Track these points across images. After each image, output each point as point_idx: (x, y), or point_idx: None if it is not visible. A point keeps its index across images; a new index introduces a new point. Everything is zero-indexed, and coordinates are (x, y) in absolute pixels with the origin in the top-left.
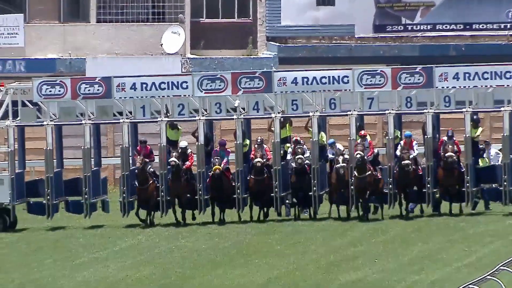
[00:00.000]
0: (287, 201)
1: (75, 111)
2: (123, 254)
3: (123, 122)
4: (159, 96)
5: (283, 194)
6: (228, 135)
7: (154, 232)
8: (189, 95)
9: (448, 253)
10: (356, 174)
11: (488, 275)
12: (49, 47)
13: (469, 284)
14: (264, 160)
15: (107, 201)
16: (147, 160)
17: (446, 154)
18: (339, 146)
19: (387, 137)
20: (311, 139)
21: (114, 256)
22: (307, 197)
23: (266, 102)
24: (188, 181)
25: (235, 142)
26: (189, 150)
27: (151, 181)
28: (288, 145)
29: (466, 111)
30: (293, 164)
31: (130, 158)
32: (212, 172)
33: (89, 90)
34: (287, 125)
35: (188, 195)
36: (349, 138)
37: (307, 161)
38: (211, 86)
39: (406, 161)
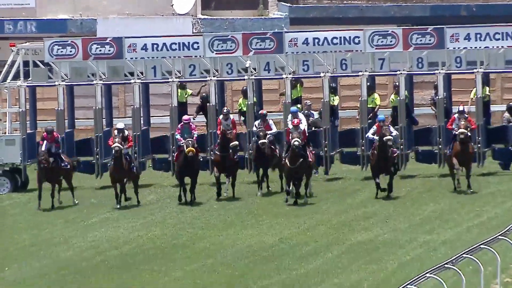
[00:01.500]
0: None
1: (86, 71)
2: (134, 214)
3: (134, 82)
4: (170, 57)
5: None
6: (238, 95)
7: (165, 192)
8: (200, 56)
9: (459, 213)
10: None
11: (499, 235)
12: (60, 7)
13: (480, 244)
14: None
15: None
16: None
17: (459, 130)
18: (301, 115)
19: (398, 98)
20: (322, 100)
21: (125, 216)
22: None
23: (277, 63)
24: (129, 164)
25: (247, 102)
26: (126, 132)
27: None
28: (299, 106)
29: (477, 71)
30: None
31: (141, 118)
32: (185, 152)
33: (100, 50)
34: (298, 85)
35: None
36: (360, 99)
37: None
38: (222, 47)
39: (388, 137)
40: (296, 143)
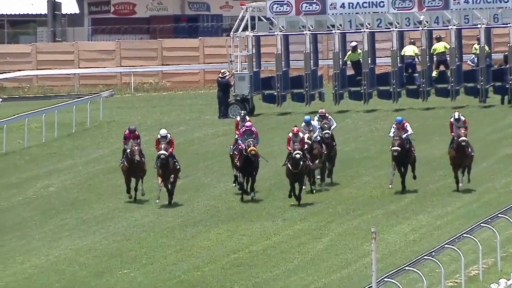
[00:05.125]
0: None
1: (298, 24)
2: (342, 131)
3: (335, 32)
4: (362, 13)
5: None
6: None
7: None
8: (385, 12)
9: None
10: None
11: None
12: None
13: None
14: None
15: (322, 92)
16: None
17: (461, 139)
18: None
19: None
20: (479, 46)
21: (338, 133)
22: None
23: (444, 17)
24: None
25: (421, 47)
26: (168, 136)
27: None
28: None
29: None
30: (319, 137)
31: (340, 61)
32: (245, 152)
33: (309, 8)
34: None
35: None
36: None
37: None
38: (402, 5)
39: (396, 147)
40: (297, 155)
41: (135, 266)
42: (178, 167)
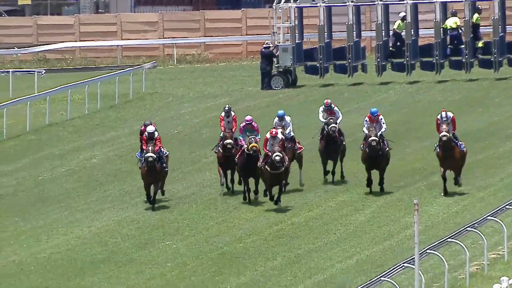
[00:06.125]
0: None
1: None
2: (384, 102)
3: (377, 4)
4: None
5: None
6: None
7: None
8: None
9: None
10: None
11: None
12: None
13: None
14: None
15: (365, 64)
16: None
17: (440, 134)
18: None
19: None
20: None
21: (380, 104)
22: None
23: None
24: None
25: (464, 18)
26: (156, 134)
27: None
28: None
29: None
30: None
31: (383, 32)
32: (246, 150)
33: None
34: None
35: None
36: None
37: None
38: None
39: (373, 137)
40: (277, 158)
41: (178, 237)
42: (166, 169)
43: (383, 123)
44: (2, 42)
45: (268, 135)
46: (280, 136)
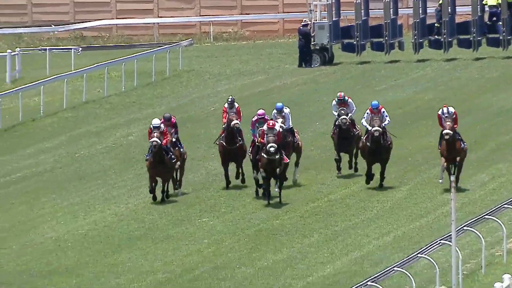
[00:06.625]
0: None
1: None
2: (421, 80)
3: None
4: None
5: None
6: None
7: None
8: None
9: None
10: None
11: None
12: None
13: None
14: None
15: (402, 41)
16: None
17: (445, 131)
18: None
19: None
20: None
21: (417, 82)
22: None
23: None
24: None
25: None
26: (162, 127)
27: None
28: None
29: None
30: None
31: (420, 9)
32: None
33: None
34: None
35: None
36: None
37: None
38: None
39: (376, 128)
40: (272, 149)
41: (214, 214)
42: (174, 160)
43: (387, 116)
44: (39, 20)
45: (265, 127)
46: (277, 127)
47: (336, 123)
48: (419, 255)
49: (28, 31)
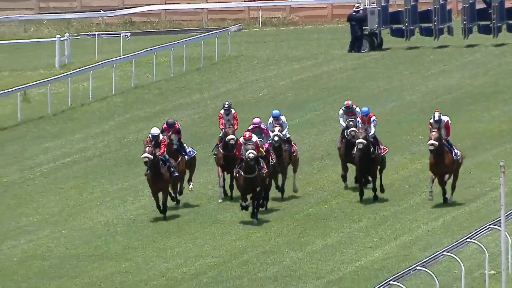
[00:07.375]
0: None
1: None
2: (471, 65)
3: None
4: None
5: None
6: None
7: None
8: None
9: None
10: None
11: None
12: None
13: None
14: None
15: (451, 27)
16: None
17: (428, 142)
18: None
19: None
20: None
21: (466, 67)
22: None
23: None
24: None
25: None
26: (161, 137)
27: None
28: None
29: None
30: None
31: None
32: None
33: None
34: None
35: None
36: None
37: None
38: None
39: (361, 140)
40: (251, 155)
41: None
42: (175, 174)
43: (374, 126)
44: (88, 5)
45: (241, 139)
46: (254, 139)
47: (345, 135)
48: (468, 239)
49: (77, 17)
